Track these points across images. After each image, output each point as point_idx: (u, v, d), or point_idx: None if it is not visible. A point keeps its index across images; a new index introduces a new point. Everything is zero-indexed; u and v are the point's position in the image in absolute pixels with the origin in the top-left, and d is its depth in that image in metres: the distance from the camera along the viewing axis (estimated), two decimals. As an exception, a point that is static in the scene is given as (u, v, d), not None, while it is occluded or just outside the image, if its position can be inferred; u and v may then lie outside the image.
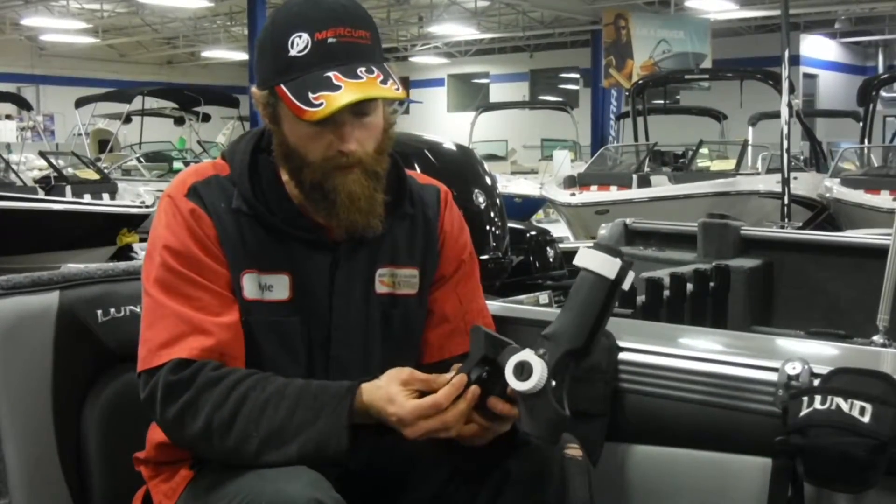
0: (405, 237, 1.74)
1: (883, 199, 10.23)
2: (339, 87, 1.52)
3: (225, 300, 1.59)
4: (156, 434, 1.68)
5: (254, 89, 1.63)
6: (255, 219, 1.63)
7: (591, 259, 1.45)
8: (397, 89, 1.55)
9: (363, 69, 1.54)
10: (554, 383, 1.42)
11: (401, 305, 1.72)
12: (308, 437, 1.48)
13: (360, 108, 1.57)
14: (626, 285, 1.46)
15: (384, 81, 1.54)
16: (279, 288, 1.63)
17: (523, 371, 1.41)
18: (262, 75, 1.61)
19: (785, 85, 6.09)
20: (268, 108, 1.61)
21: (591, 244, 1.47)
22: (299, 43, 1.55)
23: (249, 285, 1.61)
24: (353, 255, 1.68)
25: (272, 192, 1.65)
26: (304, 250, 1.65)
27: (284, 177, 1.66)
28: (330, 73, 1.53)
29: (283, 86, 1.55)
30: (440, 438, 1.54)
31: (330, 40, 1.54)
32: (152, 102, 18.07)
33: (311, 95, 1.51)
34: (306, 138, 1.58)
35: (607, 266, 1.44)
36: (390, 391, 1.48)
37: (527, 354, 1.43)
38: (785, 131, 6.07)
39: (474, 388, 1.47)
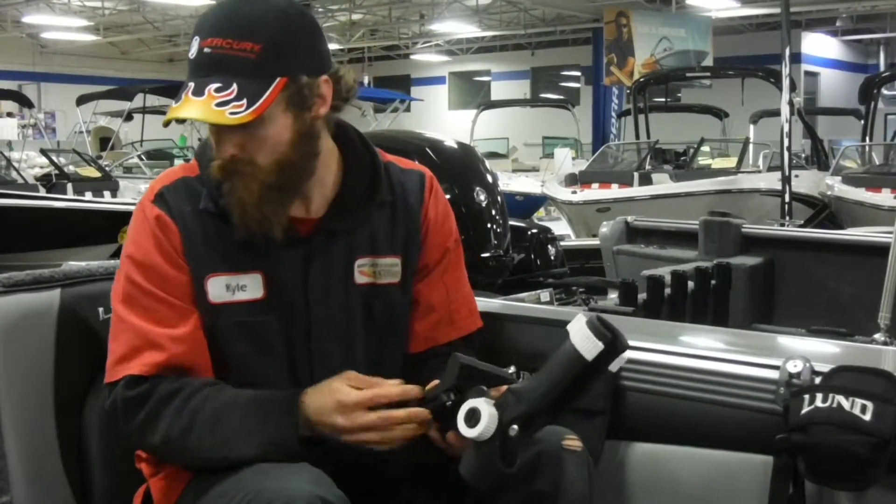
0: (385, 225, 1.73)
1: (884, 197, 10.23)
2: (181, 100, 1.55)
3: (183, 312, 1.60)
4: None
5: None
6: (223, 218, 1.62)
7: (577, 332, 1.40)
8: (243, 112, 1.51)
9: (216, 86, 1.53)
10: (513, 434, 1.40)
11: (382, 294, 1.71)
12: (260, 443, 1.51)
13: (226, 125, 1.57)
14: (612, 367, 1.43)
15: (227, 102, 1.51)
16: (253, 287, 1.63)
17: (472, 417, 1.41)
18: None
19: (785, 83, 6.08)
20: None
21: (588, 317, 1.40)
22: (192, 47, 1.57)
23: (215, 289, 1.61)
24: (327, 248, 1.67)
25: None
26: (274, 248, 1.64)
27: None
28: (190, 83, 1.55)
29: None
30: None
31: (206, 50, 1.55)
32: (154, 100, 18.02)
33: (174, 102, 1.56)
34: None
35: (588, 346, 1.38)
36: (334, 385, 1.52)
37: (482, 403, 1.41)
38: (786, 129, 6.06)
39: (421, 410, 1.49)
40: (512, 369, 1.64)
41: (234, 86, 1.52)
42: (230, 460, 1.53)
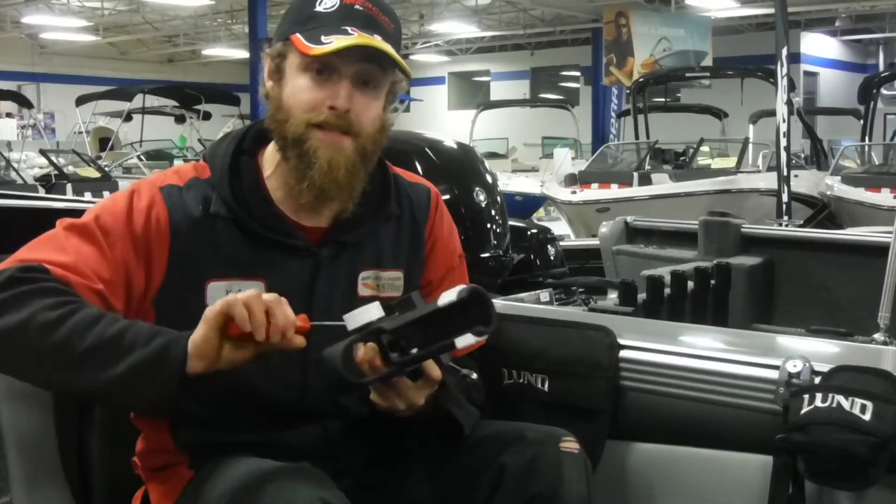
0: (390, 239, 1.72)
1: (883, 197, 10.24)
2: (351, 34, 1.55)
3: (105, 261, 1.53)
4: (145, 440, 1.68)
5: (266, 51, 1.65)
6: (234, 223, 1.61)
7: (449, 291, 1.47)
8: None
9: (379, 38, 1.58)
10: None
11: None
12: (137, 359, 1.39)
13: (363, 75, 1.59)
14: (460, 342, 1.44)
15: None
16: None
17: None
18: (279, 30, 1.64)
19: (782, 83, 6.08)
20: (274, 64, 1.63)
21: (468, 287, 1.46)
22: (328, 2, 1.59)
23: (216, 294, 1.57)
24: (335, 261, 1.66)
25: (252, 194, 1.63)
26: (283, 256, 1.63)
27: (266, 171, 1.66)
28: (347, 27, 1.56)
29: (298, 34, 1.57)
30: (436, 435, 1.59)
31: (357, 7, 1.59)
32: (153, 100, 18.08)
33: (323, 37, 1.54)
34: (302, 89, 1.58)
35: (444, 297, 1.45)
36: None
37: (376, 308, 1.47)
38: (783, 129, 6.07)
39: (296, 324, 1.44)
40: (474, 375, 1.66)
41: (388, 45, 1.59)
42: (90, 376, 1.40)
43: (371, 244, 1.70)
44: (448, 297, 1.44)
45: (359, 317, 1.47)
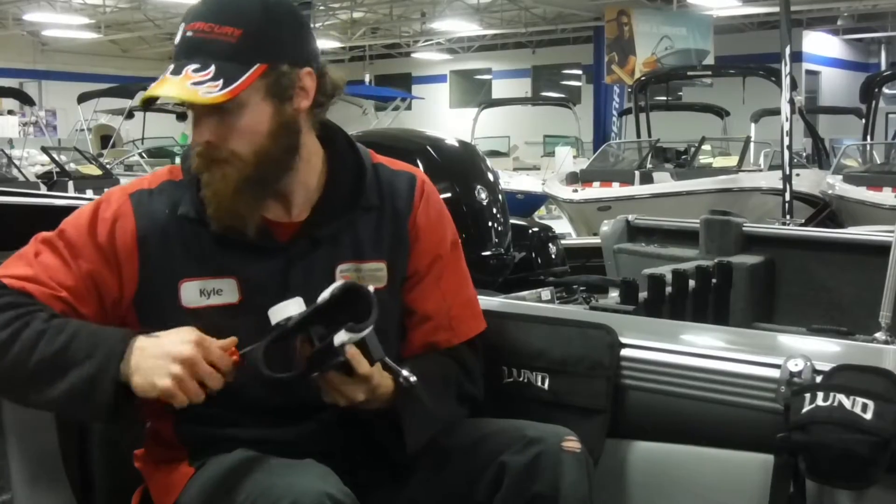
0: (370, 230, 1.69)
1: (885, 196, 10.23)
2: (158, 80, 1.55)
3: (70, 272, 1.57)
4: (153, 432, 1.68)
5: None
6: (202, 223, 1.61)
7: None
8: (217, 92, 1.50)
9: (195, 66, 1.52)
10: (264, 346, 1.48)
11: None
12: (75, 379, 1.47)
13: (217, 104, 1.54)
14: (336, 339, 1.46)
15: (203, 82, 1.51)
16: (228, 292, 1.61)
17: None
18: None
19: (786, 81, 6.08)
20: None
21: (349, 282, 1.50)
22: (178, 34, 1.58)
23: (188, 294, 1.60)
24: (309, 255, 1.64)
25: None
26: (253, 255, 1.62)
27: None
28: (171, 66, 1.55)
29: None
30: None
31: (188, 34, 1.56)
32: (154, 98, 18.03)
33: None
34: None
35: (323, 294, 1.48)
36: (171, 335, 1.49)
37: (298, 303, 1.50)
38: (786, 128, 6.06)
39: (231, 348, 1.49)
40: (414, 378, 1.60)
41: (213, 67, 1.52)
42: (37, 397, 1.49)
43: (349, 236, 1.67)
44: (324, 294, 1.46)
45: (279, 312, 1.49)
